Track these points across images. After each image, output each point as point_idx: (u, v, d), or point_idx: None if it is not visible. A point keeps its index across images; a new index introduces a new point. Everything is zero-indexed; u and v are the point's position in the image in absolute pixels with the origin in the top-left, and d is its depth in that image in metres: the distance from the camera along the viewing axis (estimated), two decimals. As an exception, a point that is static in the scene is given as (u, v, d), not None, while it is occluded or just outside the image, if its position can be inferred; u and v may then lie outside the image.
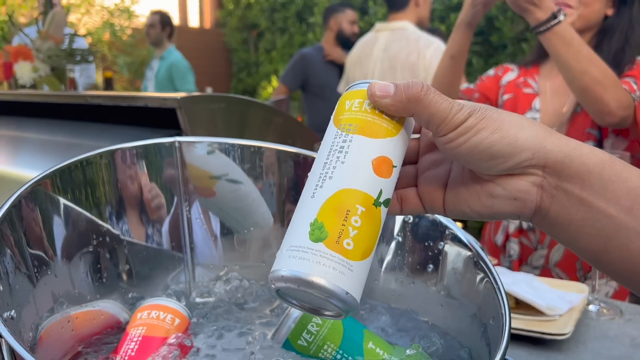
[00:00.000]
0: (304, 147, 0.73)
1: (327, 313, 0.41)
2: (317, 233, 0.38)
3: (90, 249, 0.61)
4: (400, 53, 2.39)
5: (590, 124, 1.30)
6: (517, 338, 0.83)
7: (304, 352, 0.56)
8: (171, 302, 0.62)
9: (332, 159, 0.41)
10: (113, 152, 0.62)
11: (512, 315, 0.86)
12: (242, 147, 0.69)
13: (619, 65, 1.26)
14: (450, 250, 0.62)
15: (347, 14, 3.26)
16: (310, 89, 3.27)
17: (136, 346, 0.57)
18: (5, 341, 0.38)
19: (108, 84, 2.58)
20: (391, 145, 0.42)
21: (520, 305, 0.90)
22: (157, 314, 0.60)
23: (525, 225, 1.38)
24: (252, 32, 7.08)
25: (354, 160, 0.40)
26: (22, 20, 6.61)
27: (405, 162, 0.45)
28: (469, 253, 0.59)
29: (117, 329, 0.62)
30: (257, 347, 0.56)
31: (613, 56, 1.27)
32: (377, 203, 0.40)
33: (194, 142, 0.69)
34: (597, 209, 0.41)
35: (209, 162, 0.68)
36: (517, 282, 0.94)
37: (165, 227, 0.69)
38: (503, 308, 0.51)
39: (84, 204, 0.59)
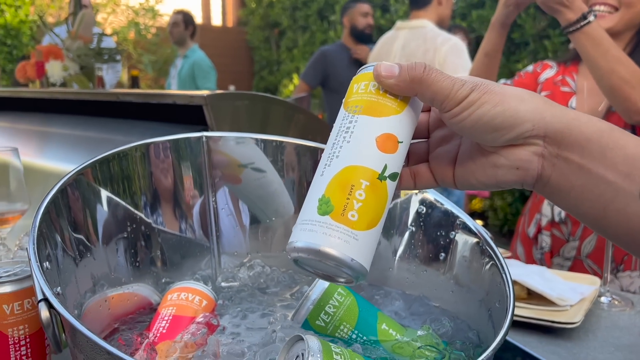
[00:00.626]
0: (324, 143, 0.77)
1: (339, 279, 0.45)
2: (324, 207, 0.42)
3: (125, 235, 0.66)
4: (418, 51, 2.43)
5: (624, 123, 1.31)
6: (528, 327, 0.86)
7: (321, 331, 0.60)
8: (199, 285, 0.67)
9: (339, 139, 0.44)
10: (147, 145, 0.66)
11: (524, 305, 0.89)
12: (265, 141, 0.74)
13: None
14: (461, 239, 0.66)
15: (359, 7, 3.27)
16: (330, 86, 3.31)
17: (167, 324, 0.62)
18: (59, 313, 0.43)
19: (134, 82, 2.66)
20: (396, 122, 0.45)
21: (532, 296, 0.93)
22: (186, 296, 0.65)
23: (557, 217, 1.40)
24: (273, 31, 7.14)
25: (358, 139, 0.44)
26: (50, 19, 6.78)
27: (416, 137, 0.48)
28: (478, 241, 0.63)
29: (149, 310, 0.67)
30: (279, 327, 0.61)
31: None
32: (381, 177, 0.43)
33: (219, 137, 0.73)
34: (596, 175, 0.43)
35: (238, 150, 0.72)
36: (530, 274, 0.97)
37: (193, 217, 0.74)
38: (508, 291, 0.54)
39: (120, 193, 0.64)
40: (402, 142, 0.45)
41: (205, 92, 0.88)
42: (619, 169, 0.42)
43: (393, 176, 0.44)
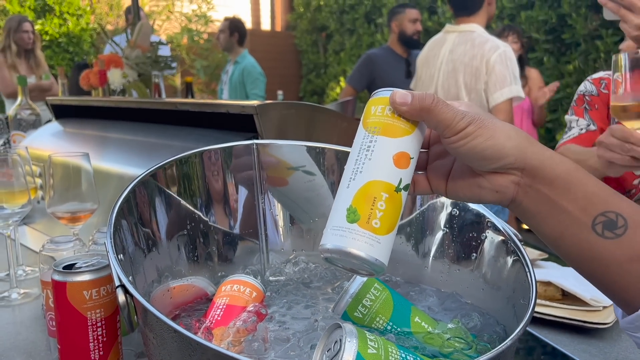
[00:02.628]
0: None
1: (362, 272, 0.53)
2: (352, 216, 0.50)
3: (185, 232, 0.74)
4: (465, 56, 2.42)
5: None
6: (562, 326, 0.89)
7: (359, 322, 0.66)
8: (250, 278, 0.74)
9: (361, 156, 0.52)
10: (204, 152, 0.74)
11: (559, 305, 0.92)
12: (308, 148, 0.80)
13: None
14: (490, 239, 0.70)
15: (408, 14, 3.29)
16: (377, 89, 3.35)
17: (221, 312, 0.69)
18: (133, 297, 0.51)
19: (188, 88, 2.79)
20: (408, 142, 0.52)
21: (567, 297, 0.96)
22: (239, 287, 0.72)
23: None
24: (321, 34, 7.24)
25: (378, 157, 0.51)
26: (109, 27, 7.10)
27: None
28: (507, 242, 0.67)
29: (206, 299, 0.75)
30: (320, 317, 0.67)
31: None
32: (398, 189, 0.51)
33: (268, 144, 0.81)
34: (559, 206, 0.52)
35: (288, 154, 0.80)
36: (566, 276, 0.99)
37: (244, 217, 0.81)
38: (531, 287, 0.59)
39: (182, 195, 0.72)
40: (413, 157, 0.53)
41: (255, 103, 0.95)
42: (578, 202, 0.52)
43: (406, 187, 0.52)
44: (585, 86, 1.43)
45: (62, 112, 1.61)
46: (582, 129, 1.39)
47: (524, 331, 0.81)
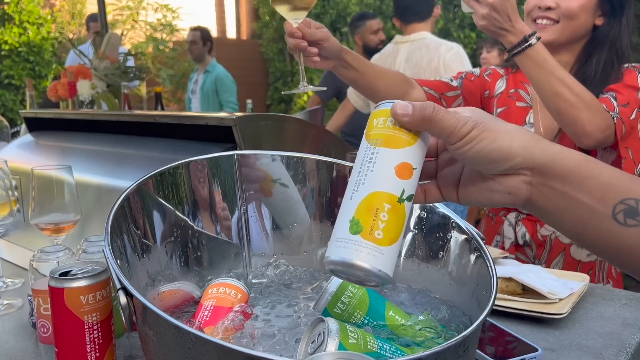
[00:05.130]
0: (337, 157, 0.90)
1: (368, 283, 0.54)
2: (355, 227, 0.50)
3: (172, 239, 0.79)
4: (423, 60, 2.57)
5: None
6: (522, 318, 0.97)
7: (338, 317, 0.72)
8: (234, 281, 0.79)
9: (364, 168, 0.53)
10: (189, 163, 0.79)
11: (519, 299, 1.00)
12: (288, 157, 0.86)
13: (607, 76, 1.28)
14: (456, 239, 0.77)
15: (369, 26, 3.36)
16: (344, 98, 3.43)
17: (209, 313, 0.74)
18: (133, 298, 0.56)
19: (157, 98, 2.80)
20: (410, 153, 0.53)
21: (526, 291, 1.03)
22: (224, 290, 0.77)
23: (521, 240, 1.41)
24: (287, 43, 7.29)
25: (380, 168, 0.52)
26: (70, 36, 7.00)
27: (426, 156, 0.56)
28: (470, 240, 0.74)
29: (193, 302, 0.80)
30: (302, 314, 0.73)
31: (602, 67, 1.29)
32: (400, 200, 0.52)
33: (249, 154, 0.86)
34: (576, 200, 0.51)
35: (271, 167, 0.84)
36: (525, 272, 1.07)
37: (227, 224, 0.86)
38: (493, 280, 0.65)
39: (170, 203, 0.77)
40: (416, 168, 0.53)
41: (234, 115, 1.01)
42: (594, 194, 0.51)
43: (409, 197, 0.53)
44: (475, 69, 1.56)
45: (35, 125, 1.62)
46: (451, 80, 1.49)
47: (489, 322, 0.88)
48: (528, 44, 1.16)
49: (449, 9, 5.58)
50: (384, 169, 0.52)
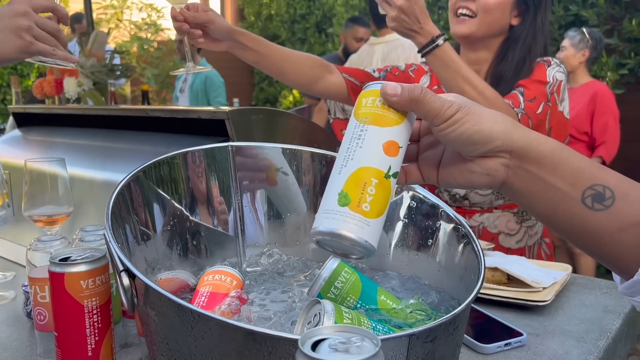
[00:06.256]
0: (328, 149, 0.92)
1: (353, 256, 0.57)
2: (343, 200, 0.53)
3: (169, 228, 0.80)
4: (399, 59, 2.66)
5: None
6: (508, 305, 1.00)
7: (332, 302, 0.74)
8: (229, 268, 0.80)
9: (352, 144, 0.55)
10: (185, 153, 0.81)
11: (505, 288, 1.03)
12: (282, 149, 0.88)
13: (519, 73, 1.34)
14: (444, 226, 0.80)
15: (355, 31, 3.42)
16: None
17: (206, 299, 0.76)
18: (135, 278, 0.57)
19: (144, 97, 2.80)
20: (397, 131, 0.55)
21: (511, 281, 1.07)
22: (220, 277, 0.79)
23: None
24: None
25: (368, 145, 0.54)
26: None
27: (409, 140, 0.59)
28: (459, 228, 0.77)
29: (189, 290, 0.81)
30: (297, 299, 0.75)
31: (516, 64, 1.34)
32: (387, 176, 0.54)
33: (243, 146, 0.88)
34: (549, 183, 0.55)
35: (275, 157, 0.86)
36: (510, 262, 1.11)
37: (222, 213, 0.88)
38: (480, 263, 0.68)
39: (167, 192, 0.79)
40: (402, 147, 0.56)
41: (227, 108, 1.03)
42: (567, 179, 0.54)
43: (395, 174, 0.55)
44: (401, 64, 1.61)
45: (24, 121, 1.62)
46: (374, 71, 1.54)
47: (477, 310, 0.91)
48: (435, 44, 1.22)
49: (433, 11, 5.64)
50: (372, 145, 0.54)
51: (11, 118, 2.23)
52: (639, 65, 3.65)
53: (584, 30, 3.32)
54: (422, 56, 1.27)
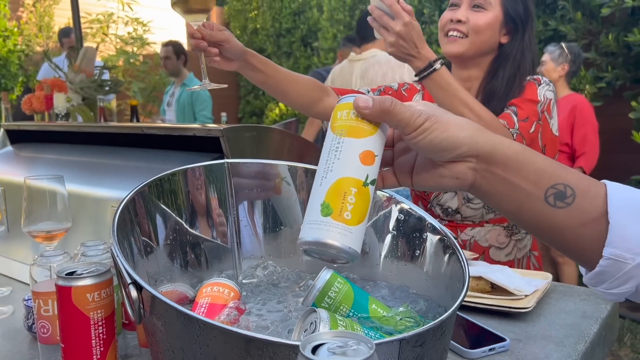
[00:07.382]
0: (314, 162, 0.97)
1: (339, 261, 0.61)
2: (326, 210, 0.57)
3: (168, 242, 0.84)
4: (377, 75, 2.76)
5: None
6: (491, 312, 1.04)
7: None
8: (227, 280, 0.84)
9: (331, 156, 0.58)
10: (185, 170, 0.85)
11: (488, 296, 1.08)
12: (276, 165, 0.92)
13: (510, 89, 1.39)
14: (431, 238, 0.84)
15: (348, 50, 3.50)
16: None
17: (205, 310, 0.79)
18: (142, 290, 0.61)
19: (133, 111, 2.83)
20: (371, 141, 0.59)
21: (495, 289, 1.12)
22: (218, 289, 0.83)
23: None
24: (258, 56, 7.35)
25: (346, 156, 0.58)
26: (38, 49, 6.93)
27: (384, 147, 0.62)
28: (444, 239, 0.82)
29: (188, 301, 0.85)
30: (293, 309, 0.79)
31: (506, 82, 1.39)
32: (365, 184, 0.58)
33: (238, 162, 0.92)
34: (514, 184, 0.59)
35: (278, 167, 0.90)
36: (493, 271, 1.16)
37: (219, 227, 0.92)
38: (465, 272, 0.73)
39: (169, 207, 0.82)
40: (377, 155, 0.59)
41: (221, 126, 1.07)
42: (530, 179, 0.58)
43: (373, 182, 0.59)
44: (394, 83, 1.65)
45: (17, 138, 1.65)
46: (368, 92, 1.59)
47: (462, 317, 0.95)
48: (433, 68, 1.26)
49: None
50: (349, 156, 0.58)
51: (1, 134, 2.24)
52: (616, 79, 3.75)
53: (563, 45, 3.42)
54: (419, 80, 1.30)
